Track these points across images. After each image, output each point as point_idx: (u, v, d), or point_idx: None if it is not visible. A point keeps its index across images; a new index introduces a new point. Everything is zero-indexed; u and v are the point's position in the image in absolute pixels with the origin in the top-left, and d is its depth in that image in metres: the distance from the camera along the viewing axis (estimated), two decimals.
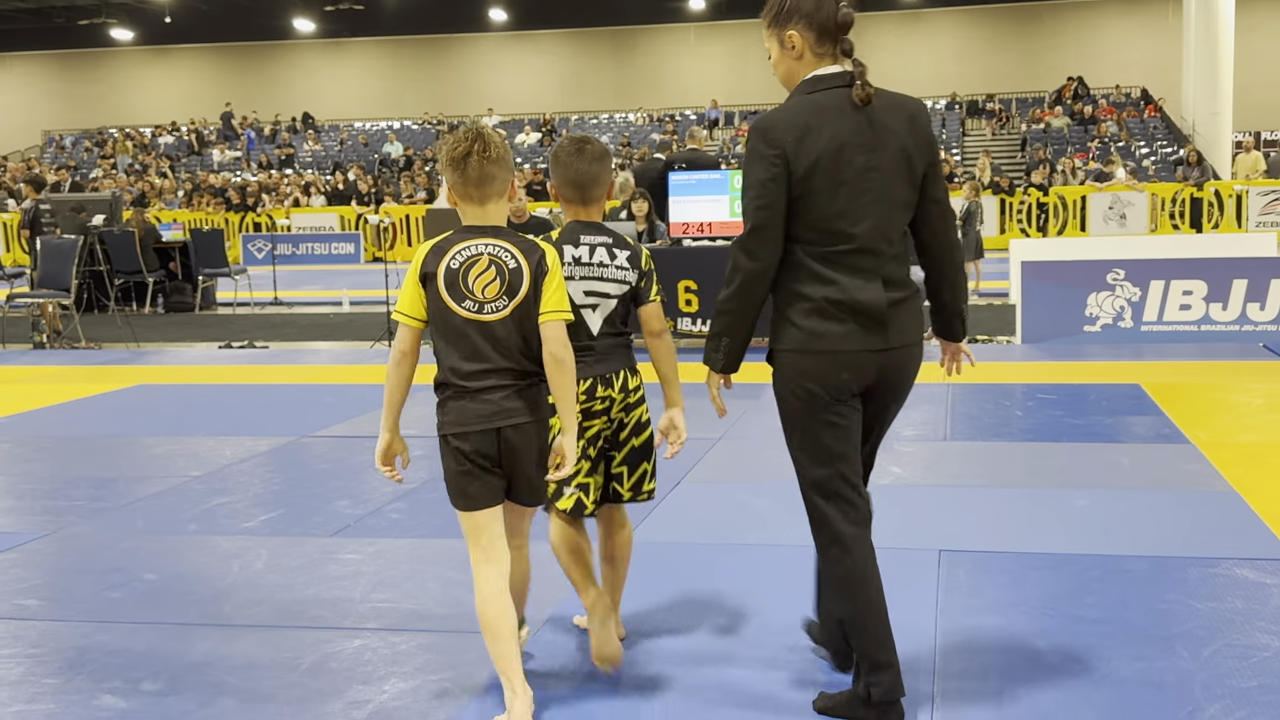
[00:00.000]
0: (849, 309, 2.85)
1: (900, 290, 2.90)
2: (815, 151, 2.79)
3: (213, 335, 12.58)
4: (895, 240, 2.88)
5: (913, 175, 2.88)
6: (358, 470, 5.93)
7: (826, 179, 2.80)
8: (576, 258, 3.30)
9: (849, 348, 2.86)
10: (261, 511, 5.20)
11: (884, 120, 2.84)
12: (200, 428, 7.19)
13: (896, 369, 2.92)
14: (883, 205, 2.84)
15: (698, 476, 5.61)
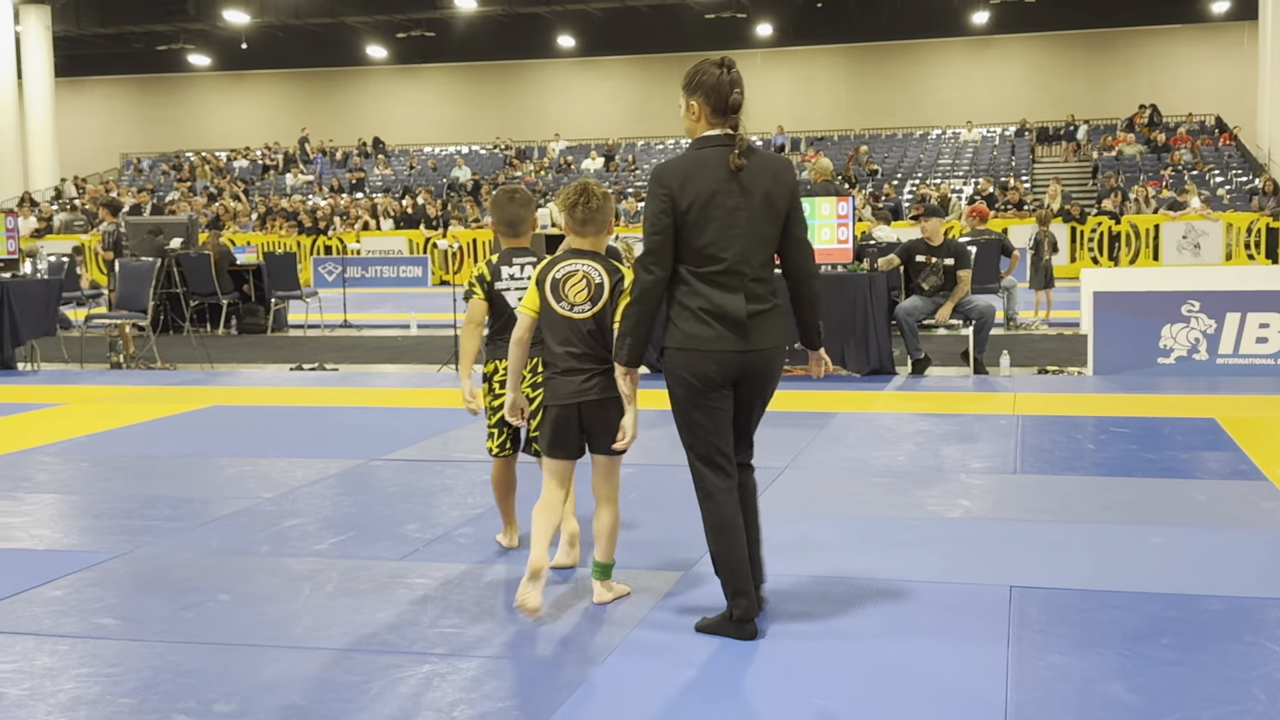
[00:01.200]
0: (717, 316, 3.73)
1: (761, 304, 3.77)
2: (693, 194, 3.71)
3: (284, 357, 12.76)
4: (758, 265, 3.76)
5: (774, 216, 3.78)
6: (426, 494, 5.98)
7: (701, 215, 3.71)
8: (511, 274, 4.68)
9: (717, 348, 3.74)
10: (332, 534, 5.26)
11: (753, 173, 3.74)
12: (272, 449, 7.29)
13: (758, 366, 3.79)
14: (747, 238, 3.74)
15: (763, 505, 5.56)
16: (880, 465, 6.49)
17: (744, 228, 3.74)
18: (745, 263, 3.74)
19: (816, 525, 5.22)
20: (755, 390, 3.83)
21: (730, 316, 3.73)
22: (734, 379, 3.78)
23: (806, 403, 8.81)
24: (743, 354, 3.75)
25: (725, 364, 3.74)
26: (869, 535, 5.06)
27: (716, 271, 3.73)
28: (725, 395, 3.78)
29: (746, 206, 3.74)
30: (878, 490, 5.91)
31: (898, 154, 34.08)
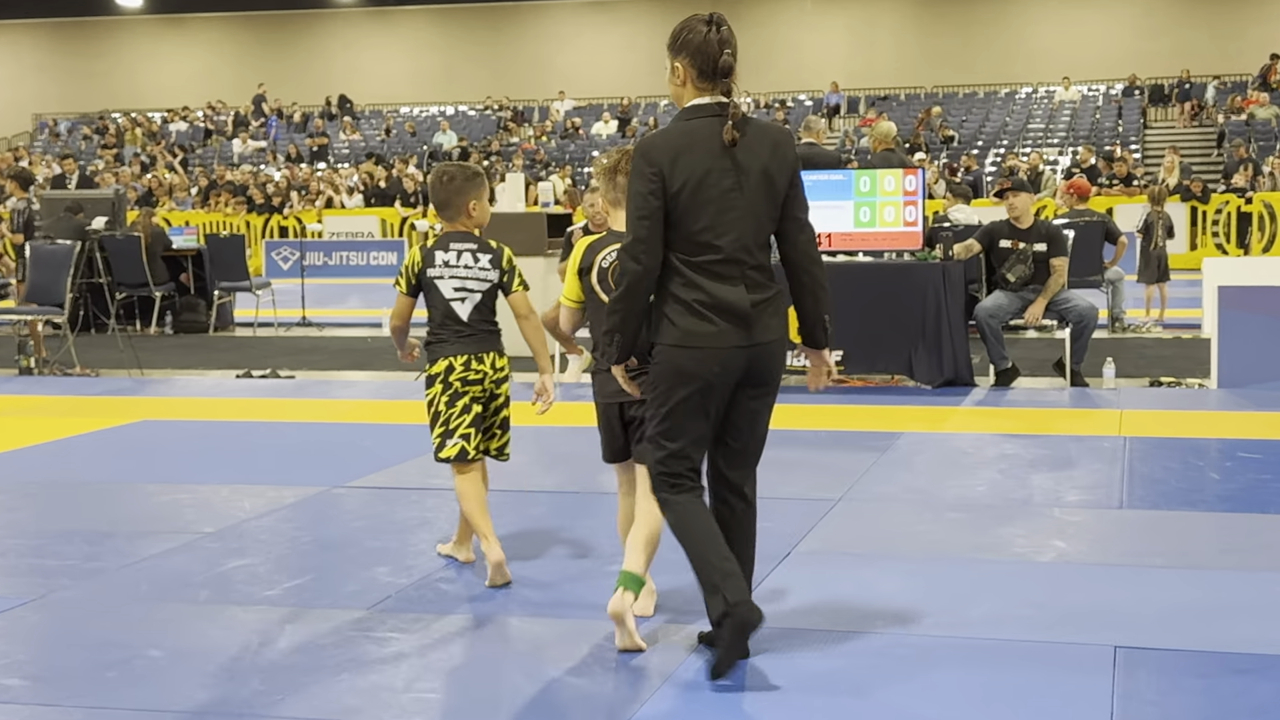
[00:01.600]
0: (717, 309, 3.98)
1: (762, 292, 4.03)
2: (685, 173, 3.93)
3: (230, 362, 12.82)
4: (757, 251, 4.02)
5: (774, 195, 4.02)
6: (401, 529, 6.00)
7: (694, 198, 3.94)
8: (446, 261, 5.16)
9: (720, 345, 3.99)
10: (286, 577, 5.28)
11: (749, 147, 3.97)
12: (215, 474, 7.32)
13: (763, 361, 4.06)
14: (746, 222, 3.98)
15: (811, 546, 5.60)
16: (954, 497, 6.49)
17: (742, 210, 3.99)
18: (744, 250, 4.00)
19: (876, 572, 5.23)
20: (758, 390, 4.11)
21: (732, 309, 3.99)
22: (737, 379, 4.05)
23: (865, 420, 8.81)
24: (747, 349, 4.02)
25: (729, 362, 4.01)
26: (940, 584, 5.06)
27: (713, 261, 3.98)
28: (720, 401, 4.08)
29: (743, 186, 3.98)
30: (951, 528, 5.91)
31: (978, 117, 34.06)
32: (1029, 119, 33.56)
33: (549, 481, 7.03)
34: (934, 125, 31.95)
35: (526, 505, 6.43)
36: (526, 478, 6.94)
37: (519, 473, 6.59)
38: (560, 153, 33.57)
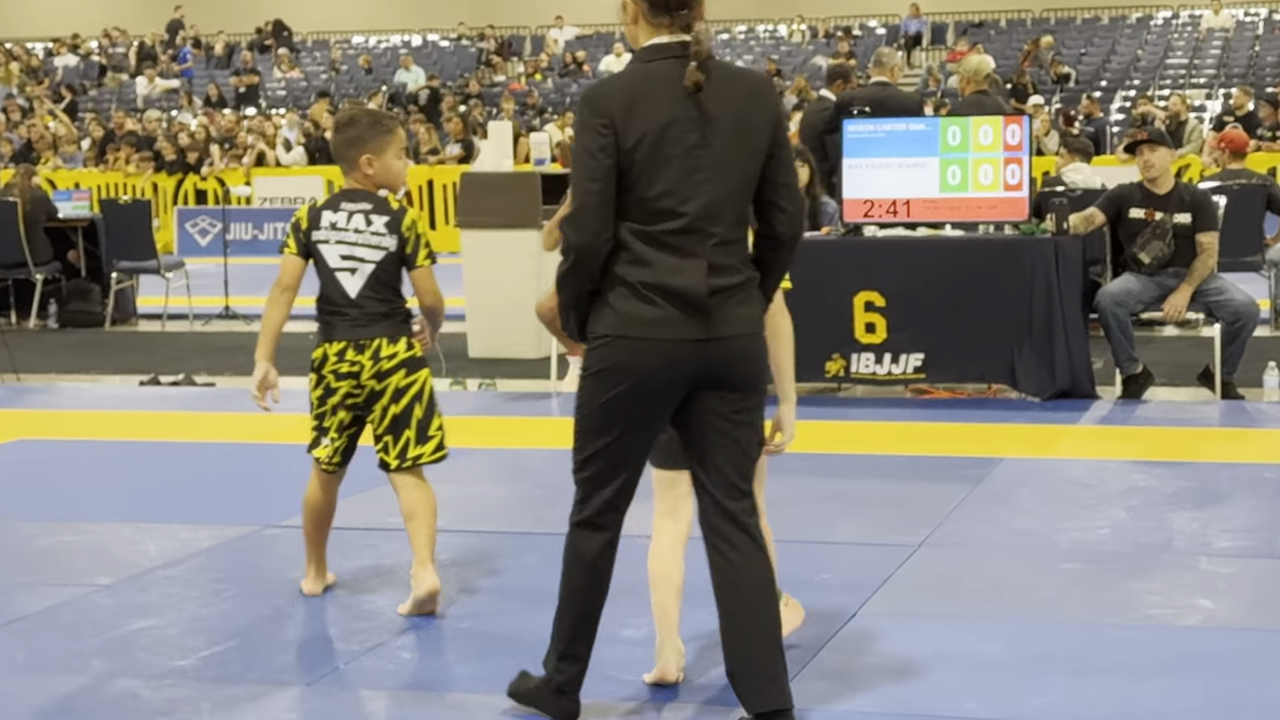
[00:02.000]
0: (664, 293, 4.11)
1: (728, 277, 4.15)
2: (643, 125, 4.06)
3: (131, 365, 12.82)
4: (730, 224, 4.15)
5: (752, 155, 4.14)
6: (352, 582, 6.00)
7: (652, 154, 4.07)
8: (333, 223, 5.45)
9: (663, 335, 4.11)
10: (202, 643, 5.26)
11: (720, 95, 4.10)
12: (111, 509, 7.32)
13: (724, 361, 4.17)
14: (714, 185, 4.11)
15: (884, 605, 5.59)
16: (1071, 542, 6.47)
17: (709, 171, 4.13)
18: (711, 219, 4.14)
19: (968, 637, 5.20)
20: (725, 394, 4.20)
21: (683, 294, 4.12)
22: (689, 378, 4.17)
23: (952, 441, 8.78)
24: (700, 344, 4.14)
25: (674, 357, 4.14)
26: (1053, 656, 5.03)
27: (671, 231, 4.13)
28: (661, 406, 4.22)
29: (712, 141, 4.12)
30: (1066, 582, 5.89)
31: (1101, 49, 34.00)
32: (1168, 52, 33.48)
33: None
34: (1044, 60, 31.90)
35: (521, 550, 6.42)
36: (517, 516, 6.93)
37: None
38: (559, 95, 33.60)
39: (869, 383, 10.18)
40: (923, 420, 9.54)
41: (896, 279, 10.03)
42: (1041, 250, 9.96)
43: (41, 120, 32.13)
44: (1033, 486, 7.57)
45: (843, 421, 9.54)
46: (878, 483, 7.67)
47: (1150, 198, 10.26)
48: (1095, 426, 9.34)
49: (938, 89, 29.57)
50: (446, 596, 5.73)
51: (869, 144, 10.38)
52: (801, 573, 5.97)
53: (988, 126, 10.21)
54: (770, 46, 36.63)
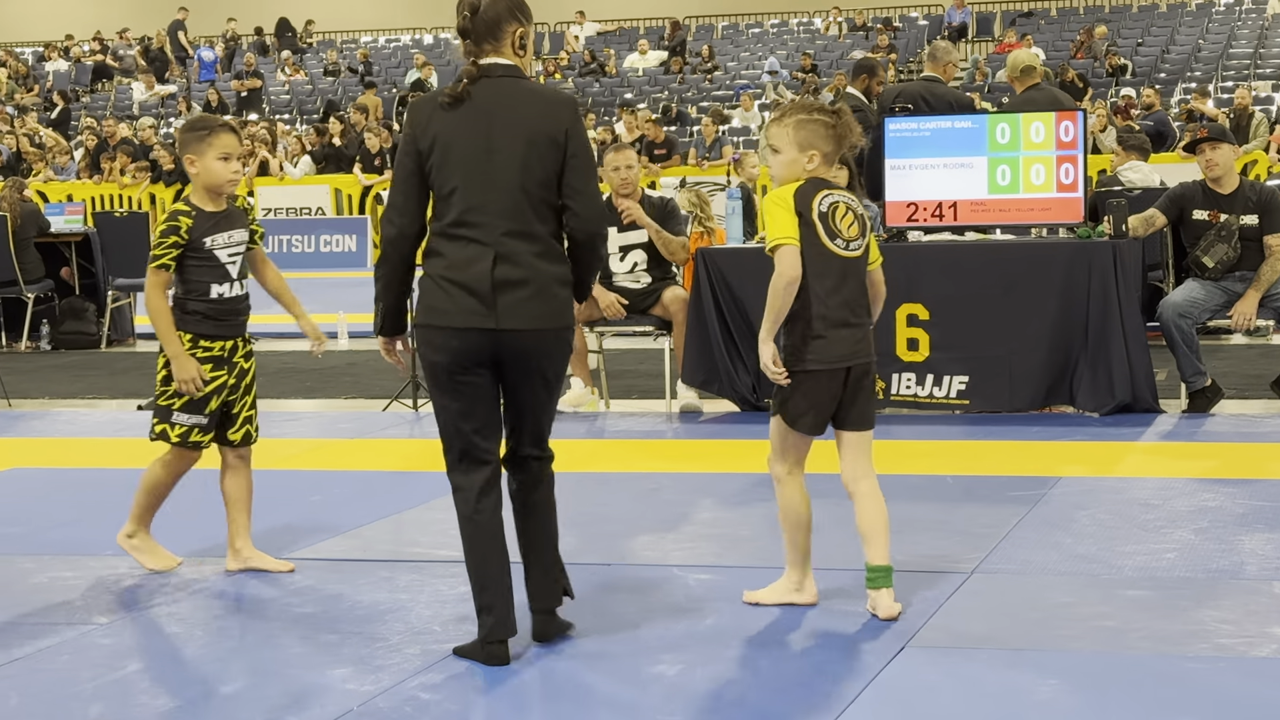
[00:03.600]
0: (455, 285, 5.20)
1: (518, 270, 5.20)
2: (435, 131, 5.23)
3: (129, 388, 12.87)
4: (521, 222, 5.22)
5: (540, 163, 5.23)
6: (366, 618, 6.00)
7: (444, 158, 5.21)
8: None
9: (454, 324, 5.20)
10: (207, 685, 5.26)
11: (515, 109, 5.24)
12: (110, 542, 7.32)
13: (515, 353, 5.26)
14: (501, 189, 5.20)
15: (934, 636, 5.58)
16: (1134, 568, 6.45)
17: (496, 176, 5.22)
18: (500, 216, 5.21)
19: (1026, 671, 5.18)
20: (520, 379, 5.35)
21: (469, 286, 5.19)
22: (489, 361, 5.26)
23: (1006, 460, 8.75)
24: (489, 333, 5.22)
25: (469, 343, 5.22)
26: (1117, 689, 5.02)
27: (459, 226, 5.23)
28: (480, 376, 5.28)
29: (500, 150, 5.22)
30: (1131, 610, 5.86)
31: (1160, 39, 33.94)
32: (1231, 41, 33.41)
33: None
34: (1098, 51, 31.87)
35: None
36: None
37: None
38: (580, 94, 33.65)
39: (909, 405, 10.16)
40: (973, 438, 9.52)
41: (941, 289, 10.02)
42: (1099, 255, 9.93)
43: (30, 128, 32.26)
44: (1093, 508, 7.54)
45: (888, 440, 9.52)
46: (926, 505, 7.64)
47: (1214, 198, 10.23)
48: (1159, 443, 9.31)
49: (984, 83, 29.55)
50: (463, 630, 5.72)
51: (912, 143, 10.37)
52: (846, 602, 5.97)
53: (1039, 123, 10.19)
54: (805, 40, 36.66)
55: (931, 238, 10.36)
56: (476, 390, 5.28)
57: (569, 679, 5.28)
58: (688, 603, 6.09)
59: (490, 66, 5.30)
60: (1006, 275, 10.03)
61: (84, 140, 30.73)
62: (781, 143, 5.77)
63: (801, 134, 5.71)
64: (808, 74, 32.36)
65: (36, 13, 42.50)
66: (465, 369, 5.24)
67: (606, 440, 10.01)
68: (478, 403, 5.29)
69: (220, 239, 6.69)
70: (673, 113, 30.65)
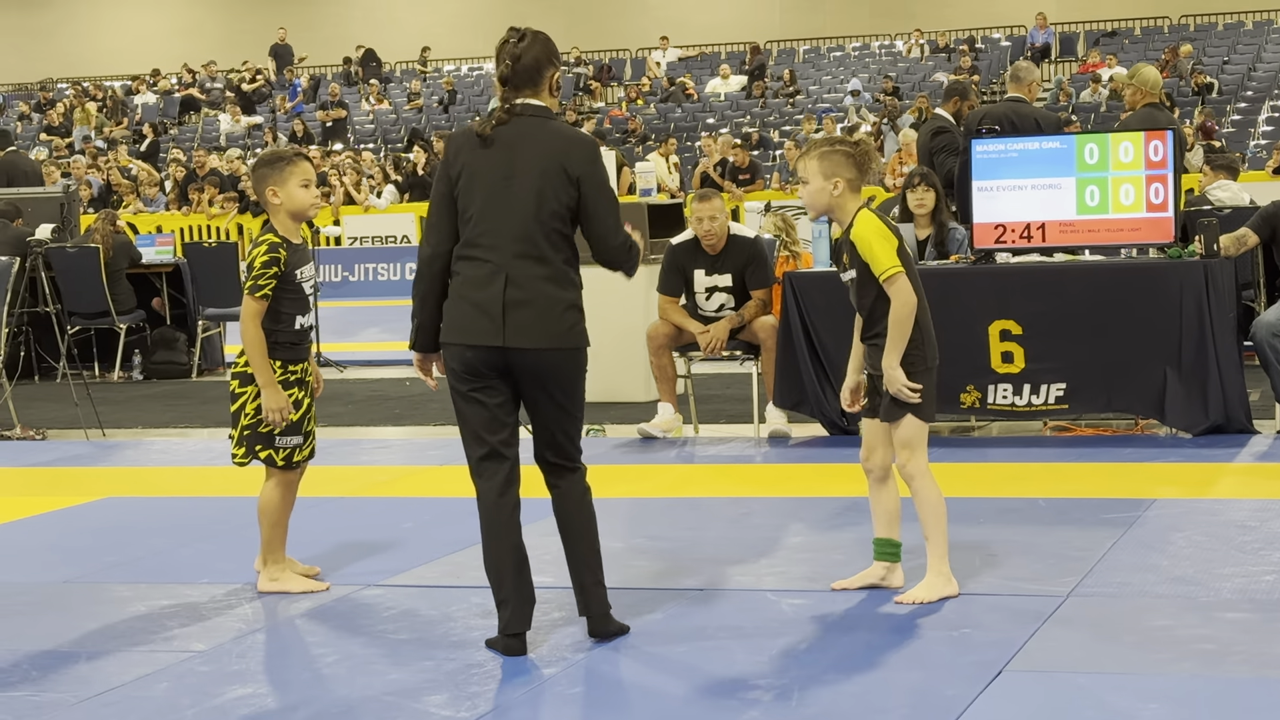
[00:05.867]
0: (471, 304, 5.66)
1: (525, 292, 5.63)
2: (464, 161, 5.74)
3: (219, 417, 12.90)
4: (532, 247, 5.66)
5: (554, 194, 5.68)
6: (460, 643, 6.01)
7: (469, 184, 5.71)
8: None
9: (469, 341, 5.66)
10: (307, 714, 5.29)
11: (536, 145, 5.71)
12: (204, 570, 7.38)
13: (523, 369, 5.68)
14: (515, 216, 5.67)
15: (1031, 661, 5.54)
16: (1233, 590, 6.39)
17: (514, 203, 5.66)
18: (512, 240, 5.65)
19: (1125, 696, 5.14)
20: (535, 391, 5.75)
21: (481, 304, 5.64)
22: (505, 373, 5.69)
23: (1099, 482, 8.69)
24: (499, 351, 5.64)
25: (483, 358, 5.66)
26: (1220, 714, 4.98)
27: (475, 249, 5.69)
28: (496, 388, 5.70)
29: (518, 179, 5.67)
30: (1231, 633, 5.80)
31: (1247, 56, 33.66)
32: None
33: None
34: (1183, 69, 31.64)
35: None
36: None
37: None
38: (663, 121, 33.73)
39: (1007, 414, 10.09)
40: (1065, 460, 9.45)
41: (1033, 308, 9.95)
42: (1190, 275, 9.85)
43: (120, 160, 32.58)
44: (1189, 530, 7.47)
45: (979, 463, 9.48)
46: (1019, 529, 7.60)
47: None
48: (1255, 464, 9.21)
49: (1068, 104, 29.38)
50: (559, 657, 5.74)
51: (999, 165, 10.32)
52: (941, 626, 5.94)
53: (1128, 143, 10.11)
54: (887, 63, 36.60)
55: (1020, 259, 10.31)
56: (493, 400, 5.69)
57: (664, 700, 5.27)
58: (782, 627, 6.08)
59: (523, 107, 5.76)
60: (1097, 295, 9.95)
61: (172, 172, 31.02)
62: (809, 174, 6.31)
63: (826, 164, 6.24)
64: (889, 96, 32.28)
65: (124, 46, 42.93)
66: (482, 381, 5.67)
67: (696, 465, 10.00)
68: (494, 411, 5.70)
69: (306, 271, 6.88)
70: (754, 138, 30.64)
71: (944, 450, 9.87)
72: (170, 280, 16.51)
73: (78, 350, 15.55)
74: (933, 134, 12.99)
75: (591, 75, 37.76)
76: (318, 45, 40.80)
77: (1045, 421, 10.35)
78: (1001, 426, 10.54)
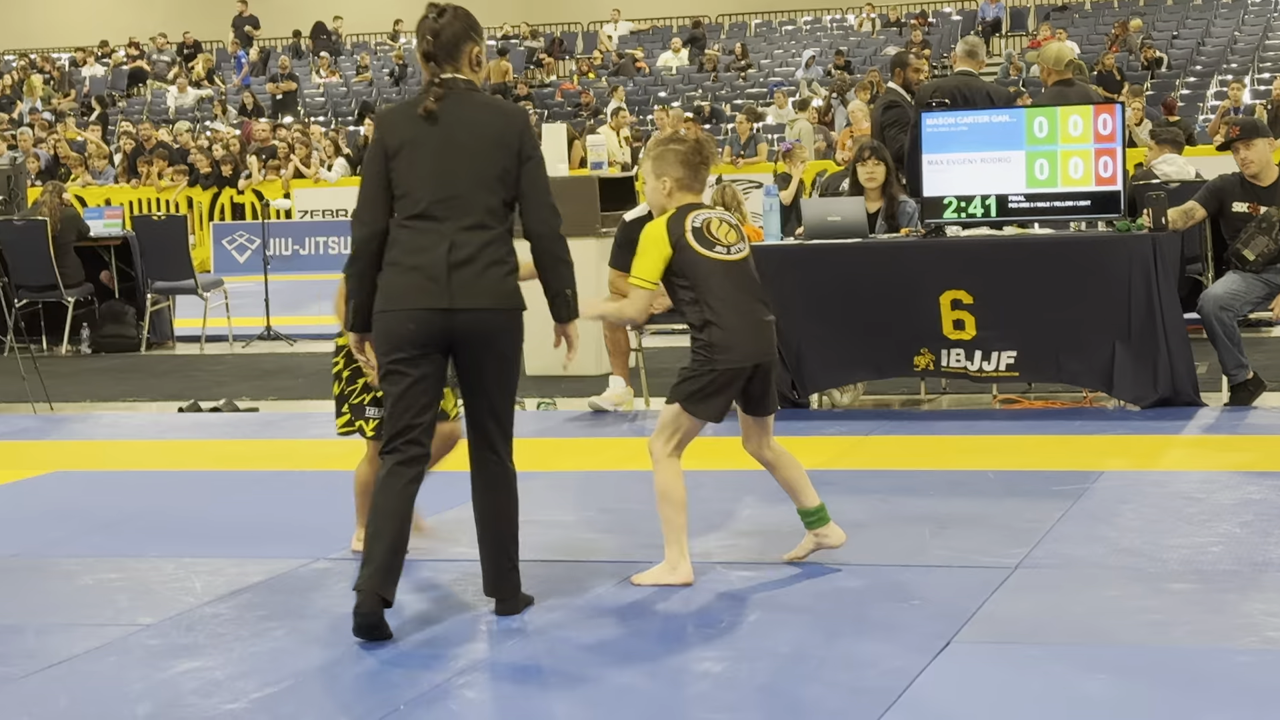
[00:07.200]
0: (412, 269, 5.65)
1: (470, 253, 5.65)
2: (403, 136, 5.75)
3: (170, 390, 12.90)
4: (475, 216, 5.69)
5: (491, 166, 5.72)
6: (410, 615, 6.00)
7: (410, 159, 5.72)
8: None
9: (412, 305, 5.63)
10: (255, 685, 5.27)
11: (472, 117, 5.76)
12: (153, 544, 7.35)
13: (470, 331, 5.67)
14: (457, 187, 5.69)
15: (979, 632, 5.56)
16: (1180, 561, 6.41)
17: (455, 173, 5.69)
18: (455, 208, 5.67)
19: (1072, 667, 5.16)
20: (478, 357, 5.73)
21: (425, 268, 5.64)
22: (447, 341, 5.68)
23: (1047, 455, 8.72)
24: (444, 313, 5.62)
25: (424, 322, 5.63)
26: (1166, 684, 5.00)
27: (417, 217, 5.70)
28: (429, 360, 5.68)
29: (456, 152, 5.70)
30: (1178, 604, 5.84)
31: (1195, 31, 33.79)
32: (1267, 32, 33.24)
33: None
34: (1133, 44, 31.73)
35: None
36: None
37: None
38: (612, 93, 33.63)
39: (960, 377, 10.11)
40: (1014, 433, 9.48)
41: (984, 279, 9.97)
42: (1138, 248, 9.88)
43: (68, 133, 32.34)
44: (1136, 502, 7.50)
45: (927, 436, 9.51)
46: (968, 501, 7.62)
47: (1253, 190, 10.18)
48: (1202, 436, 9.26)
49: (1019, 78, 29.44)
50: (511, 630, 5.74)
51: (949, 138, 10.33)
52: (890, 599, 5.96)
53: (1077, 116, 10.14)
54: (838, 37, 36.59)
55: (970, 232, 10.33)
56: (430, 369, 5.68)
57: (616, 674, 5.28)
58: (731, 600, 6.09)
59: (451, 81, 5.77)
60: (1047, 268, 9.97)
61: (121, 145, 30.79)
62: (646, 174, 6.39)
63: (658, 165, 6.29)
64: (840, 70, 32.26)
65: (72, 18, 42.61)
66: (416, 354, 5.64)
67: (647, 439, 9.98)
68: (427, 382, 5.69)
69: None
70: (706, 111, 30.60)
71: (893, 423, 9.90)
72: (119, 253, 16.40)
73: (25, 324, 15.51)
74: (884, 108, 12.99)
75: (542, 49, 37.63)
76: (280, 16, 40.52)
77: (995, 394, 10.38)
78: (951, 400, 10.58)
